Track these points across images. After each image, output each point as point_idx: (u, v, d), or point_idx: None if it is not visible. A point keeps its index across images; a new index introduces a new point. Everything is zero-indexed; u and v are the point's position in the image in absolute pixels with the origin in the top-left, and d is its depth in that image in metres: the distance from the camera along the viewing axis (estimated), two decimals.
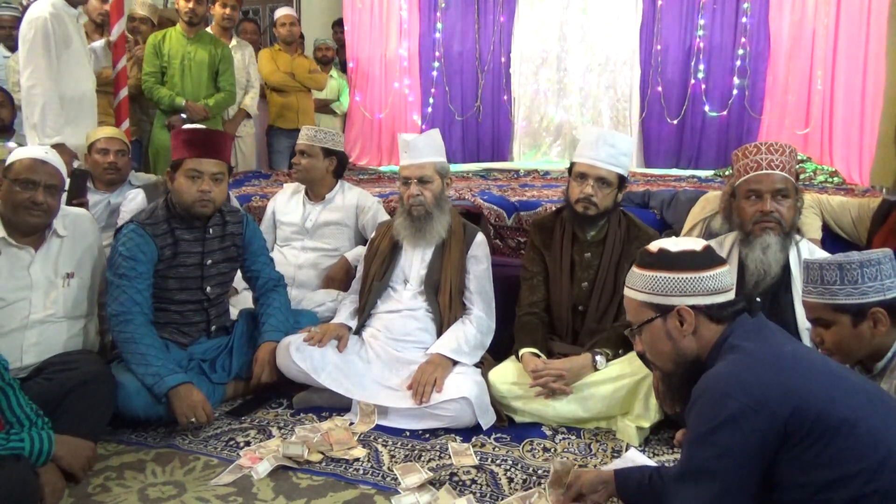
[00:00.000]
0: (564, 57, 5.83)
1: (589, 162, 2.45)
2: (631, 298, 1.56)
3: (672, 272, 1.47)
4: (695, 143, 5.49)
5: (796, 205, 2.24)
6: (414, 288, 2.66)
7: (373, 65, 6.31)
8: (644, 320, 1.52)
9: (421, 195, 2.59)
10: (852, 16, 4.91)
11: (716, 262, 1.50)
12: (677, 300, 1.47)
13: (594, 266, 2.51)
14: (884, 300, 1.61)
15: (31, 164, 2.20)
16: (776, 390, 1.26)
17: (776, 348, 1.38)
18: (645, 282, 1.51)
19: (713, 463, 1.28)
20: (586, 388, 2.33)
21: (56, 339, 2.28)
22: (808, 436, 1.23)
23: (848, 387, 1.31)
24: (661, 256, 1.50)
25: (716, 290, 1.46)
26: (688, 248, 1.50)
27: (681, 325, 1.47)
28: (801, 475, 1.25)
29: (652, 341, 1.53)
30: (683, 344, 1.48)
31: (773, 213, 2.19)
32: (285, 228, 3.26)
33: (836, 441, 1.22)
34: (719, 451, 1.28)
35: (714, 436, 1.28)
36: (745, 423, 1.25)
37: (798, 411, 1.24)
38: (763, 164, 2.21)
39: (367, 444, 2.22)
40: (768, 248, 2.19)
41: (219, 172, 2.44)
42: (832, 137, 5.01)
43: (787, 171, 2.20)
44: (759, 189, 2.21)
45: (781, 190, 2.20)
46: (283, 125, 5.22)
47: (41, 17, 3.36)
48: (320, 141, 3.16)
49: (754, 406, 1.25)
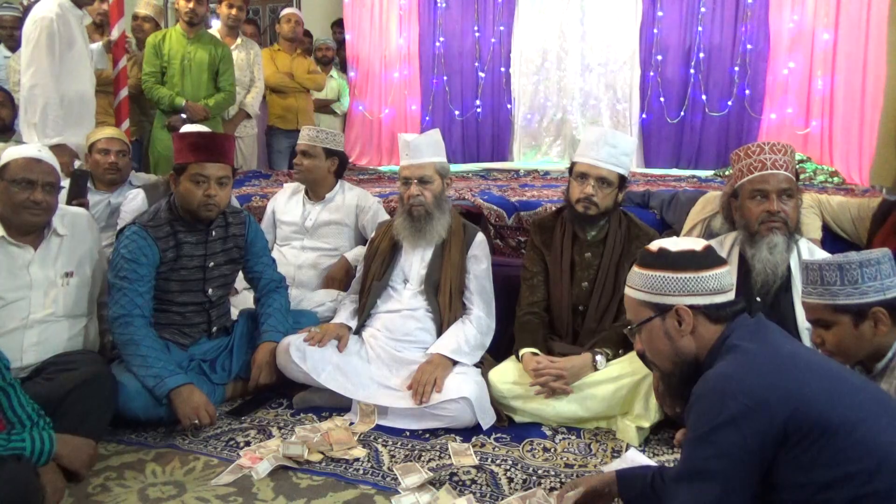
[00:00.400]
0: (564, 57, 5.84)
1: (590, 162, 2.45)
2: (630, 297, 1.56)
3: (671, 272, 1.48)
4: (695, 143, 5.49)
5: (799, 205, 2.24)
6: (414, 288, 2.66)
7: (373, 65, 6.32)
8: (643, 319, 1.52)
9: (421, 195, 2.59)
10: (852, 16, 4.91)
11: (716, 263, 1.50)
12: (676, 299, 1.47)
13: (594, 266, 2.52)
14: (884, 300, 1.61)
15: (26, 163, 2.20)
16: (776, 391, 1.26)
17: (776, 349, 1.37)
18: (644, 281, 1.51)
19: (713, 463, 1.28)
20: (586, 388, 2.33)
21: (56, 338, 2.28)
22: (808, 437, 1.23)
23: (847, 388, 1.31)
24: (661, 256, 1.50)
25: (715, 290, 1.46)
26: (688, 247, 1.51)
27: (679, 324, 1.47)
28: (799, 475, 1.25)
29: (651, 340, 1.53)
30: (682, 343, 1.48)
31: (779, 212, 2.19)
32: (285, 228, 3.26)
33: (836, 442, 1.22)
34: (719, 451, 1.28)
35: (713, 436, 1.28)
36: (744, 423, 1.25)
37: (798, 413, 1.24)
38: (768, 164, 2.20)
39: (367, 444, 2.22)
40: (775, 247, 2.18)
41: (224, 176, 2.44)
42: (832, 137, 5.01)
43: (789, 171, 2.21)
44: (766, 189, 2.20)
45: (787, 190, 2.20)
46: (283, 126, 5.22)
47: (47, 17, 3.36)
48: (322, 141, 3.16)
49: (754, 407, 1.25)
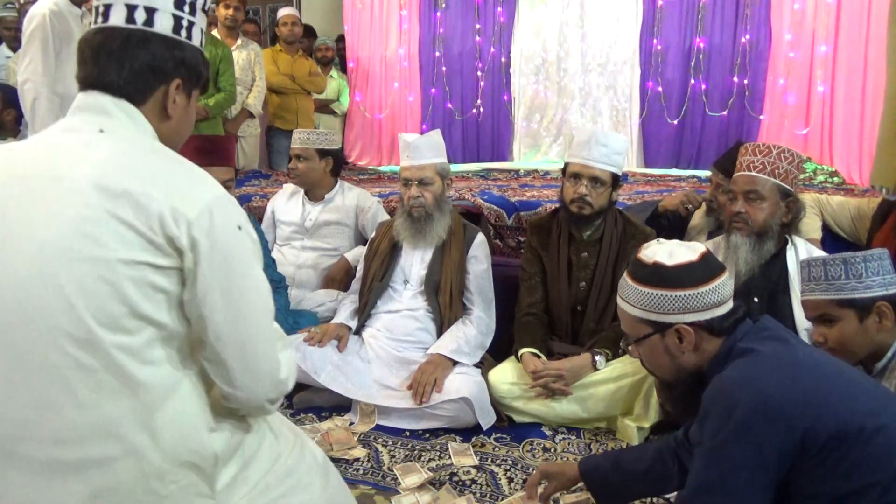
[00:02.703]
0: (564, 57, 5.84)
1: (582, 162, 2.45)
2: (625, 311, 1.48)
3: (668, 289, 1.39)
4: (695, 143, 5.49)
5: (778, 208, 2.17)
6: (414, 288, 2.66)
7: (373, 65, 6.32)
8: (640, 336, 1.45)
9: (421, 197, 2.59)
10: (852, 16, 4.91)
11: (714, 273, 1.41)
12: (675, 318, 1.39)
13: (591, 266, 2.52)
14: (887, 294, 1.61)
15: None
16: (793, 399, 1.21)
17: (791, 352, 1.32)
18: (639, 298, 1.43)
19: (729, 477, 1.23)
20: (586, 389, 2.33)
21: None
22: (827, 446, 1.18)
23: (864, 393, 1.26)
24: (656, 271, 1.41)
25: (716, 303, 1.39)
26: (684, 260, 1.40)
27: (680, 342, 1.40)
28: (817, 485, 1.20)
29: (650, 356, 1.47)
30: (684, 359, 1.42)
31: (741, 213, 2.18)
32: (285, 228, 3.26)
33: (854, 452, 1.18)
34: (733, 464, 1.22)
35: (728, 448, 1.23)
36: (760, 433, 1.20)
37: (818, 422, 1.19)
38: (743, 165, 2.20)
39: (367, 444, 2.22)
40: (738, 248, 2.17)
41: (228, 180, 2.47)
42: (832, 137, 5.01)
43: (767, 173, 2.16)
44: (734, 189, 2.22)
45: (751, 192, 2.16)
46: (283, 126, 5.21)
47: (40, 14, 3.38)
48: (314, 143, 3.16)
49: (770, 415, 1.20)
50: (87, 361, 1.01)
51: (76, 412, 1.02)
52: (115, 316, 1.02)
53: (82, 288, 1.01)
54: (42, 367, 1.01)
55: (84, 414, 1.02)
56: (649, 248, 1.47)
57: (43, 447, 1.03)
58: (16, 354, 1.02)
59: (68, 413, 1.02)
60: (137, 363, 1.04)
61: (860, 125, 4.90)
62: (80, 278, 1.01)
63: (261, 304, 1.16)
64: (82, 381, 1.02)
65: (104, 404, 1.03)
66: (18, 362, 1.02)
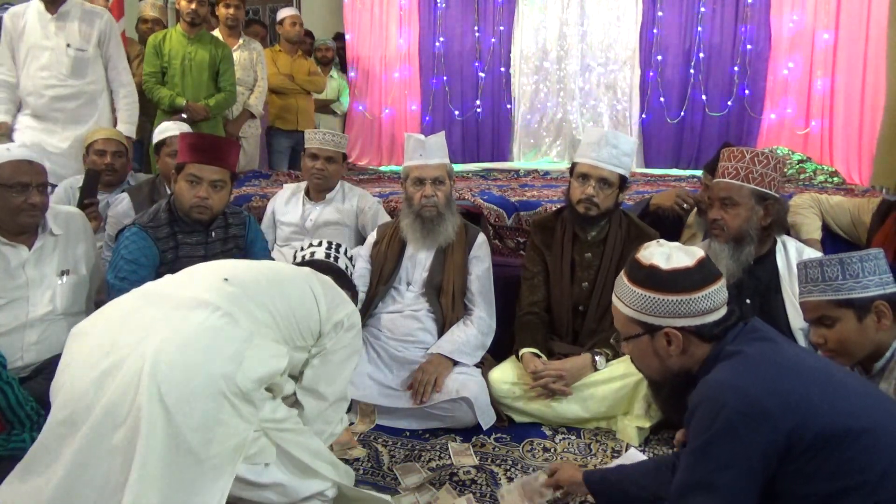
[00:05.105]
0: (564, 57, 5.85)
1: (591, 162, 2.44)
2: (618, 309, 1.49)
3: (661, 293, 1.39)
4: (695, 143, 5.50)
5: (754, 212, 2.17)
6: (416, 289, 2.65)
7: (373, 65, 6.32)
8: (630, 335, 1.47)
9: (435, 196, 2.58)
10: (852, 16, 4.91)
11: (708, 279, 1.40)
12: (665, 321, 1.40)
13: (595, 266, 2.51)
14: (885, 293, 1.61)
15: (18, 166, 2.17)
16: (778, 400, 1.21)
17: (778, 354, 1.32)
18: (633, 298, 1.44)
19: (715, 476, 1.24)
20: (586, 389, 2.33)
21: (57, 337, 2.27)
22: (812, 447, 1.19)
23: (852, 394, 1.27)
24: (651, 274, 1.41)
25: (707, 310, 1.39)
26: (681, 265, 1.40)
27: (668, 345, 1.41)
28: (802, 486, 1.21)
29: (639, 355, 1.49)
30: (671, 362, 1.43)
31: (717, 220, 2.20)
32: (285, 228, 3.26)
33: (840, 452, 1.18)
34: (719, 463, 1.23)
35: (713, 448, 1.24)
36: (745, 433, 1.21)
37: (803, 423, 1.19)
38: (720, 172, 2.22)
39: (367, 444, 2.22)
40: (717, 255, 2.17)
41: (219, 180, 2.42)
42: (832, 137, 5.02)
43: (742, 179, 2.17)
44: (711, 196, 2.24)
45: (726, 199, 2.19)
46: (283, 126, 5.22)
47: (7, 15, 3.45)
48: (340, 146, 3.21)
49: (755, 416, 1.21)
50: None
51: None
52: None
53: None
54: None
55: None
56: (648, 249, 1.47)
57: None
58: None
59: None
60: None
61: (860, 125, 4.91)
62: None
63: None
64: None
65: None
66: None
